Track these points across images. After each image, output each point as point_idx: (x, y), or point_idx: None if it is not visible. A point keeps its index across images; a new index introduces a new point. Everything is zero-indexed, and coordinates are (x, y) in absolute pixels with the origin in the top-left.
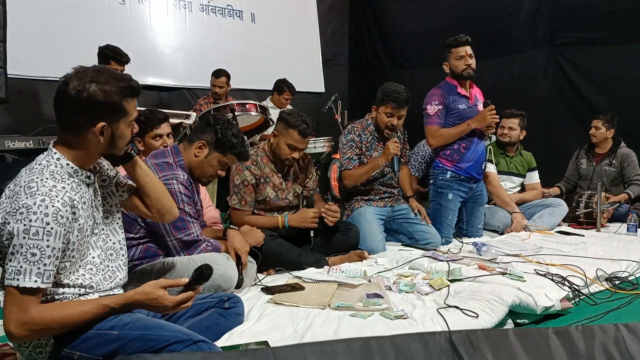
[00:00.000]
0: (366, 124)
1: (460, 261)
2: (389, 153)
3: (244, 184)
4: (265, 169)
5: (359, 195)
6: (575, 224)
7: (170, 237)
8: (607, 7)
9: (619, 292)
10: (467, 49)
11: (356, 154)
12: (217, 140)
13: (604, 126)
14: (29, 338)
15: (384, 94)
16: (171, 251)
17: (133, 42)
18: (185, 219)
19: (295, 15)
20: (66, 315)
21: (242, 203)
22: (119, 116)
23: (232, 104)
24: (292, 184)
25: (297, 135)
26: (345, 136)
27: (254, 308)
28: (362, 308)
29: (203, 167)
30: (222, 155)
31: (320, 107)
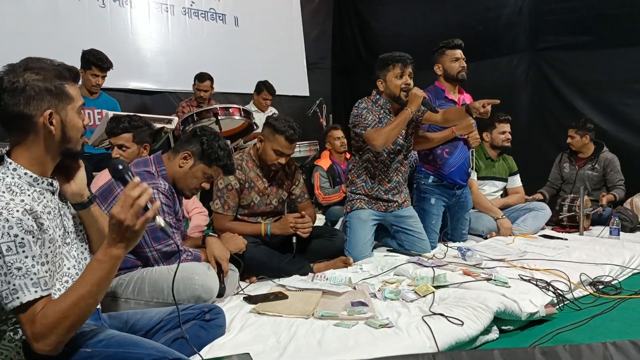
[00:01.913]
0: (375, 98)
1: (445, 267)
2: (417, 98)
3: (228, 189)
4: (250, 173)
5: (364, 195)
6: (559, 228)
7: (149, 248)
8: (589, 11)
9: (602, 296)
10: (461, 53)
11: (377, 117)
12: (203, 152)
13: (577, 134)
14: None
15: (384, 58)
16: (150, 262)
17: (114, 46)
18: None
19: (279, 19)
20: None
21: (225, 208)
22: (64, 101)
23: (215, 108)
24: (278, 190)
25: (283, 141)
26: (358, 106)
27: (236, 318)
28: (347, 317)
29: (187, 179)
30: (207, 166)
31: (304, 110)
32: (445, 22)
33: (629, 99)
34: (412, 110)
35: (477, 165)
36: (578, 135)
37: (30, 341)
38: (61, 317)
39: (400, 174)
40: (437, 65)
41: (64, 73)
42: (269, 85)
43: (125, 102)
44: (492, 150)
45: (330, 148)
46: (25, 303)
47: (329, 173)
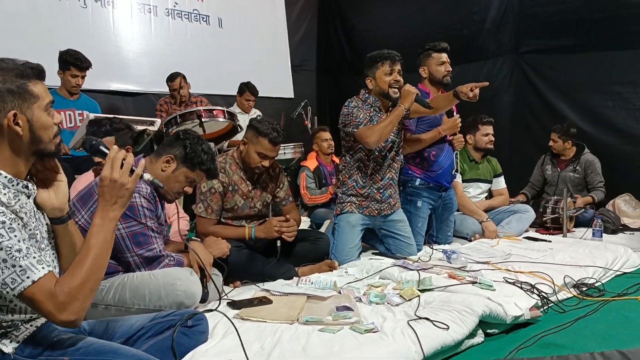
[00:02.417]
0: (364, 97)
1: (430, 270)
2: (410, 94)
3: (211, 192)
4: (234, 176)
5: (355, 197)
6: (543, 229)
7: (130, 253)
8: (571, 15)
9: (586, 298)
10: (447, 56)
11: (368, 116)
12: (186, 155)
13: (560, 139)
14: (81, 309)
15: (373, 57)
16: (131, 267)
17: (96, 47)
18: (147, 234)
19: (264, 20)
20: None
21: (209, 211)
22: (28, 100)
23: (199, 110)
24: (262, 193)
25: (267, 144)
26: (348, 105)
27: (219, 324)
28: (332, 322)
29: (169, 183)
30: (190, 170)
31: (289, 112)
32: (430, 24)
33: (610, 101)
34: (405, 106)
35: (462, 168)
36: (561, 140)
37: (54, 315)
38: (82, 281)
39: (393, 171)
40: (423, 68)
41: (27, 71)
42: (251, 86)
43: (106, 103)
44: (475, 152)
45: (317, 149)
46: (37, 280)
47: (315, 174)
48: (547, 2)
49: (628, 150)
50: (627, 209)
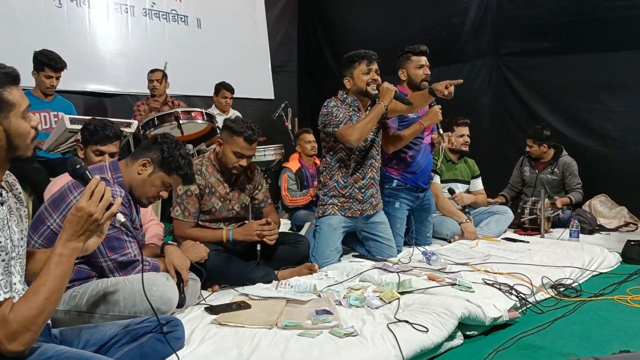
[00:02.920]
0: (343, 97)
1: (410, 272)
2: (390, 91)
3: (187, 194)
4: (211, 178)
5: (336, 199)
6: (521, 230)
7: (104, 258)
8: (549, 18)
9: (563, 299)
10: (426, 60)
11: (348, 115)
12: (163, 159)
13: (535, 144)
14: (32, 339)
15: (351, 57)
16: (105, 272)
17: (71, 47)
18: (121, 239)
19: (243, 22)
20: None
21: (186, 214)
22: (5, 110)
23: (177, 111)
24: (240, 195)
25: (242, 142)
26: (328, 105)
27: (197, 330)
28: (311, 326)
29: (145, 187)
30: (166, 175)
31: (270, 114)
32: (410, 27)
33: (587, 104)
34: (385, 104)
35: (439, 169)
36: (536, 144)
37: (2, 344)
38: (37, 313)
39: (374, 170)
40: (402, 71)
41: (1, 79)
42: (225, 84)
43: (82, 104)
44: (451, 153)
45: (300, 151)
46: None
47: (297, 176)
48: (525, 5)
49: (604, 152)
50: (603, 210)
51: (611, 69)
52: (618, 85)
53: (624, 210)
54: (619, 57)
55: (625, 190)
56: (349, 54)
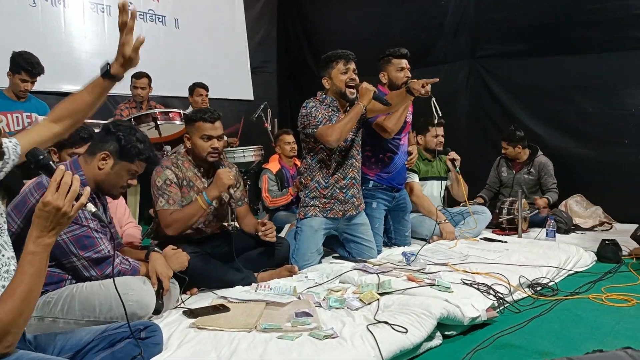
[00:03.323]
0: (322, 97)
1: (389, 273)
2: (368, 92)
3: (167, 184)
4: (188, 172)
5: (318, 200)
6: (499, 230)
7: (77, 257)
8: (526, 21)
9: (540, 298)
10: (407, 62)
11: (327, 115)
12: (122, 149)
13: (509, 145)
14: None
15: (328, 57)
16: (80, 272)
17: (46, 47)
18: (91, 236)
19: (222, 22)
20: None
21: (170, 202)
22: None
23: (155, 112)
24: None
25: (204, 124)
26: (306, 106)
27: (175, 334)
28: (290, 329)
29: (111, 180)
30: (129, 163)
31: (249, 115)
32: (390, 28)
33: (562, 105)
34: (363, 104)
35: (417, 167)
36: (510, 146)
37: None
38: (16, 314)
39: (355, 170)
40: (383, 73)
41: None
42: (199, 82)
43: None
44: (427, 152)
45: (280, 152)
46: None
47: (278, 177)
48: (501, 8)
49: (579, 152)
50: (579, 210)
51: (585, 70)
52: (591, 86)
53: (599, 210)
54: (593, 59)
55: (600, 190)
56: (326, 54)
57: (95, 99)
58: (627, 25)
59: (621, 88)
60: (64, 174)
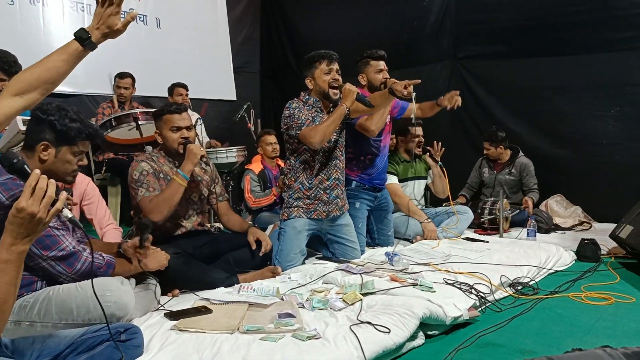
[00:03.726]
0: (305, 98)
1: (372, 273)
2: (351, 93)
3: (144, 174)
4: (164, 167)
5: (302, 201)
6: (480, 230)
7: (42, 258)
8: (506, 22)
9: (521, 297)
10: (384, 64)
11: (310, 116)
12: (59, 134)
13: (491, 146)
14: None
15: (311, 57)
16: (49, 272)
17: (25, 45)
18: (52, 235)
19: (204, 22)
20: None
21: (151, 189)
22: None
23: (136, 112)
24: (198, 186)
25: (171, 116)
26: (289, 107)
27: (156, 337)
28: (273, 330)
29: (59, 168)
30: (72, 146)
31: (232, 115)
32: (372, 30)
33: (541, 106)
34: (347, 105)
35: (395, 169)
36: (492, 147)
37: None
38: None
39: (339, 171)
40: (361, 75)
41: None
42: (178, 82)
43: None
44: (406, 154)
45: (262, 153)
46: None
47: (260, 177)
48: (482, 10)
49: (559, 152)
50: (559, 209)
51: (565, 72)
52: (571, 87)
53: (579, 209)
54: (572, 60)
55: (580, 190)
56: (309, 55)
57: (70, 68)
58: (606, 27)
59: (600, 89)
60: (39, 179)
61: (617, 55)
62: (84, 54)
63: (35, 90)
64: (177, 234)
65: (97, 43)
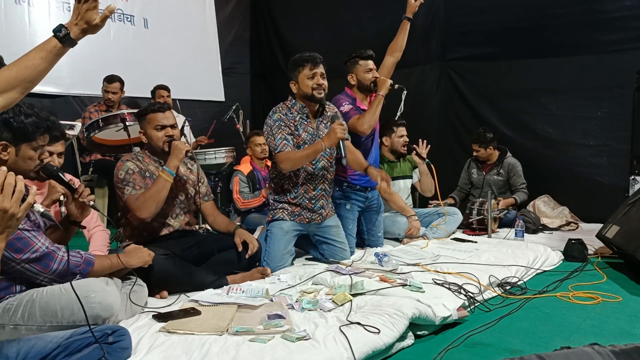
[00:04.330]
0: (291, 103)
1: (362, 274)
2: (335, 137)
3: (130, 173)
4: (150, 166)
5: (287, 205)
6: (469, 230)
7: (15, 262)
8: (495, 25)
9: (509, 297)
10: (373, 63)
11: (288, 134)
12: (16, 132)
13: (481, 147)
14: None
15: (295, 60)
16: (25, 275)
17: (10, 46)
18: (22, 237)
19: (193, 22)
20: None
21: (137, 188)
22: None
23: (123, 113)
24: (184, 185)
25: (155, 115)
26: (271, 117)
27: (144, 339)
28: (263, 331)
29: (21, 166)
30: (31, 142)
31: (220, 116)
32: (362, 32)
33: (530, 107)
34: (326, 145)
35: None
36: (482, 148)
37: None
38: None
39: (327, 182)
40: (351, 75)
41: None
42: (160, 85)
43: None
44: (391, 154)
45: (251, 154)
46: None
47: (249, 178)
48: (471, 12)
49: (547, 153)
50: (546, 210)
51: (552, 73)
52: (558, 89)
53: (566, 210)
54: (559, 62)
55: (567, 190)
56: (293, 58)
57: (50, 66)
58: (594, 30)
59: (587, 91)
60: (6, 175)
61: (604, 57)
62: (63, 50)
63: (14, 89)
64: (165, 233)
65: (77, 39)
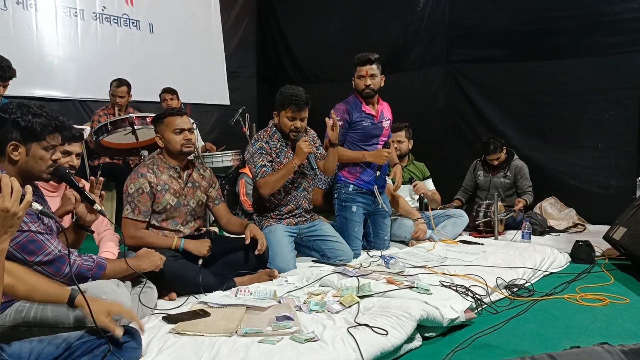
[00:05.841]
0: (271, 131)
1: (369, 276)
2: (302, 153)
3: (139, 192)
4: (163, 176)
5: (270, 212)
6: (476, 233)
7: (27, 264)
8: (500, 27)
9: (517, 299)
10: (369, 69)
11: (268, 161)
12: (24, 132)
13: (499, 154)
14: None
15: (282, 98)
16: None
17: (17, 51)
18: (36, 240)
19: (198, 26)
20: None
21: (135, 212)
22: None
23: (132, 117)
24: (195, 192)
25: (173, 118)
26: (253, 145)
27: (154, 340)
28: (271, 332)
29: (33, 167)
30: (41, 141)
31: (225, 120)
32: (367, 35)
33: (535, 109)
34: (296, 163)
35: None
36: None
37: None
38: None
39: (307, 201)
40: (353, 80)
41: None
42: (165, 88)
43: None
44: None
45: None
46: None
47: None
48: (476, 14)
49: (553, 155)
50: (553, 212)
51: (558, 75)
52: (565, 91)
53: (572, 212)
54: (566, 64)
55: (573, 192)
56: (282, 92)
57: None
58: (598, 32)
59: (594, 93)
60: (1, 177)
61: (609, 59)
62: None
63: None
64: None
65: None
